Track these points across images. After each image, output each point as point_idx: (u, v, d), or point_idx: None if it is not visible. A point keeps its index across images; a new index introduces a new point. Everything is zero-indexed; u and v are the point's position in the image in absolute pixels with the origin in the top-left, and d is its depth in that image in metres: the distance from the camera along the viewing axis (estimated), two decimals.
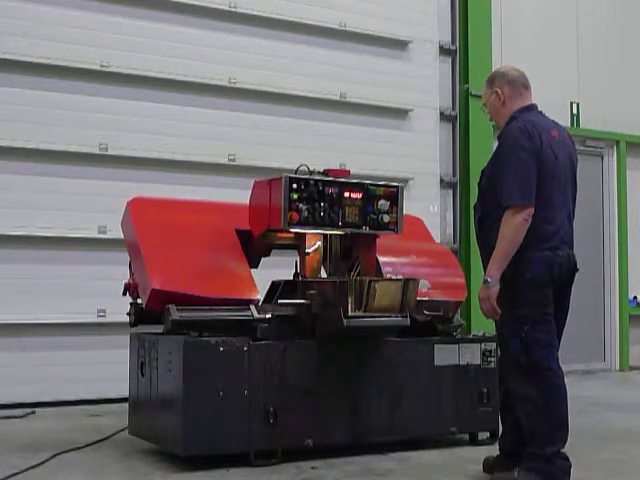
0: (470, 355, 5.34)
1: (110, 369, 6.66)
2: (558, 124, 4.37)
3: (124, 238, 5.38)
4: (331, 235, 5.28)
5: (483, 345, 5.32)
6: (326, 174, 5.18)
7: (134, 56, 7.44)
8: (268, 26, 8.05)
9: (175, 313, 4.70)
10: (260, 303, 5.03)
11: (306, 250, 5.09)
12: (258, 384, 4.66)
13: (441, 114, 9.11)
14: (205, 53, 7.77)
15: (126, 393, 5.31)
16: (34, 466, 4.58)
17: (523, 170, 4.04)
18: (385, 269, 5.40)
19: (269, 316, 4.87)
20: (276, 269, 5.37)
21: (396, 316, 4.78)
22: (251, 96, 7.93)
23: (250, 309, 4.86)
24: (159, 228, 5.15)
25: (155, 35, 7.57)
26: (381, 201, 5.15)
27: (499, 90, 4.32)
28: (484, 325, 4.59)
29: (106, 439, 5.37)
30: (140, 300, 5.08)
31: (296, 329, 4.89)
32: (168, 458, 4.72)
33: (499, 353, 4.60)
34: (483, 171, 4.38)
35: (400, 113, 8.79)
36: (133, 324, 5.26)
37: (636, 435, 5.74)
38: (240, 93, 7.90)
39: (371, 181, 5.26)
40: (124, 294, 5.27)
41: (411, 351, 5.18)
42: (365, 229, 5.15)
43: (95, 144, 7.26)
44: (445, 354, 5.26)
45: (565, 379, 4.13)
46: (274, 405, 4.67)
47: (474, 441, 5.36)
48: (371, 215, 5.13)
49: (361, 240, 5.30)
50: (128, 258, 5.29)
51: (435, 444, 5.19)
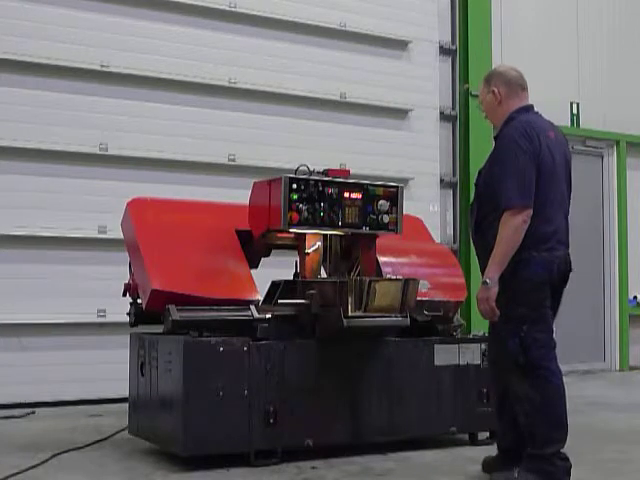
0: (470, 355, 5.34)
1: (110, 369, 6.66)
2: (553, 124, 4.37)
3: (124, 238, 5.38)
4: (331, 235, 5.28)
5: (483, 345, 5.30)
6: (326, 174, 5.19)
7: (134, 56, 7.43)
8: (268, 26, 8.05)
9: (175, 313, 4.71)
10: (260, 303, 5.03)
11: (306, 250, 5.08)
12: (258, 384, 4.65)
13: (441, 114, 9.10)
14: (205, 53, 7.76)
15: (126, 393, 5.30)
16: (34, 466, 4.58)
17: (523, 172, 4.04)
18: (385, 269, 5.40)
19: (269, 316, 4.87)
20: (276, 269, 5.37)
21: (396, 316, 4.79)
22: (251, 96, 7.93)
23: (250, 309, 4.87)
24: (159, 228, 5.15)
25: (155, 35, 7.57)
26: (381, 201, 5.15)
27: (496, 89, 4.31)
28: (484, 325, 4.59)
29: (106, 439, 5.37)
30: (140, 300, 5.08)
31: (296, 329, 4.88)
32: (168, 458, 4.72)
33: (490, 353, 4.58)
34: (480, 171, 4.39)
35: (400, 113, 8.79)
36: (133, 324, 5.26)
37: (636, 435, 5.74)
38: (240, 93, 7.90)
39: (371, 181, 5.27)
40: (124, 294, 5.27)
41: (411, 351, 5.18)
42: (365, 229, 5.15)
43: (95, 144, 7.25)
44: (445, 354, 5.26)
45: (565, 379, 4.13)
46: (274, 405, 4.67)
47: (474, 441, 5.35)
48: (371, 215, 5.13)
49: (361, 240, 5.30)
50: (128, 258, 5.30)
51: (435, 444, 5.19)
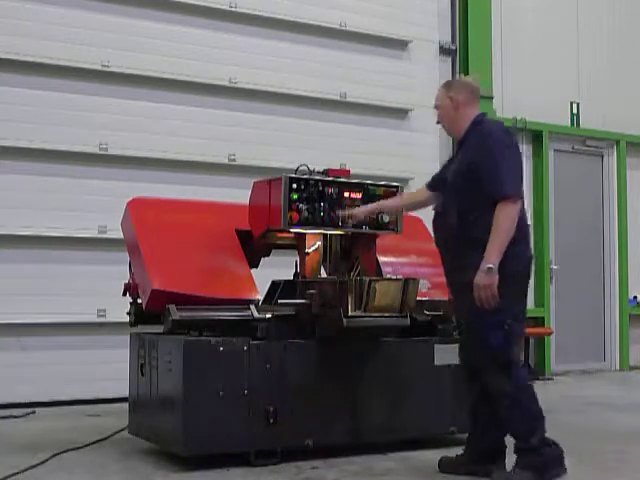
0: None
1: (110, 369, 6.67)
2: None
3: (124, 238, 5.38)
4: (331, 235, 5.28)
5: None
6: (326, 174, 5.19)
7: (134, 56, 7.44)
8: (268, 26, 8.06)
9: (175, 313, 4.71)
10: (260, 303, 5.03)
11: (306, 250, 5.09)
12: (258, 384, 4.65)
13: None
14: (205, 53, 7.77)
15: (126, 393, 5.31)
16: (34, 466, 4.58)
17: (515, 165, 4.24)
18: (385, 269, 5.41)
19: (269, 316, 4.87)
20: (276, 269, 5.37)
21: (396, 316, 4.79)
22: (251, 96, 7.94)
23: (250, 309, 4.87)
24: (159, 228, 5.15)
25: (156, 35, 7.57)
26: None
27: (454, 96, 4.41)
28: None
29: (106, 439, 5.36)
30: (140, 300, 5.08)
31: (296, 329, 4.88)
32: (168, 458, 4.72)
33: (465, 354, 4.46)
34: (445, 168, 4.52)
35: (400, 113, 8.80)
36: (133, 324, 5.27)
37: (636, 435, 5.74)
38: (240, 93, 7.90)
39: (371, 181, 5.28)
40: (124, 294, 5.27)
41: (411, 351, 5.18)
42: (365, 229, 5.16)
43: (95, 144, 7.26)
44: (445, 354, 5.25)
45: (565, 379, 4.14)
46: (274, 405, 4.67)
47: None
48: (371, 215, 5.14)
49: (361, 240, 5.30)
50: (128, 258, 5.30)
51: (435, 444, 5.19)
